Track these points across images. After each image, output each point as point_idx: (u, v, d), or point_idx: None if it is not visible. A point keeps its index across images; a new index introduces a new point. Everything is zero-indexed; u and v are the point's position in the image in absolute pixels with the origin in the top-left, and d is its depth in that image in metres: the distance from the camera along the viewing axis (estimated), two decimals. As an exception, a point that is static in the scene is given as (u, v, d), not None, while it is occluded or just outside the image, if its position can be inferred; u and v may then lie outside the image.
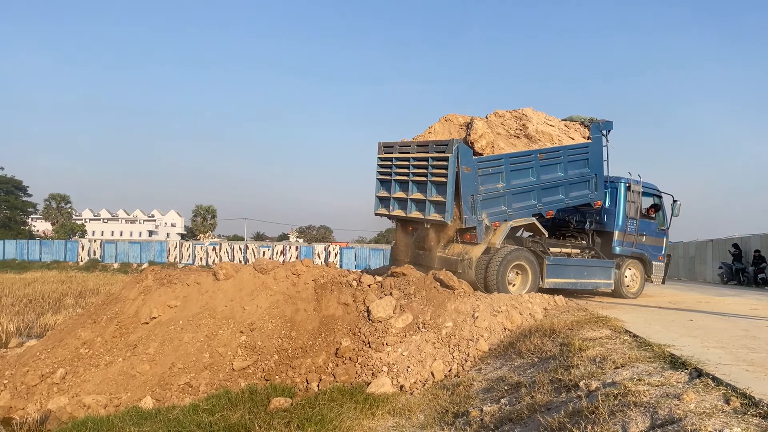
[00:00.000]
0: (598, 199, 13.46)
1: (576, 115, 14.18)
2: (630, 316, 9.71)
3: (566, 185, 12.85)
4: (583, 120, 13.82)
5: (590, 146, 13.16)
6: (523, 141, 12.67)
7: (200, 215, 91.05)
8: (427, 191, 11.85)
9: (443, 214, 11.47)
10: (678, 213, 14.75)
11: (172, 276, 11.59)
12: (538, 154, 12.26)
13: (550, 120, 13.66)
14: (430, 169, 11.76)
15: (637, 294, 14.26)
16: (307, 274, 11.01)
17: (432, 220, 11.82)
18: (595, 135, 13.31)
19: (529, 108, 13.63)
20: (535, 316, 10.19)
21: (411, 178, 12.34)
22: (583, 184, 13.18)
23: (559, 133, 13.18)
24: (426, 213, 11.91)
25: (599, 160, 13.36)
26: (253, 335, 9.74)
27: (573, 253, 13.61)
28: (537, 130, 12.85)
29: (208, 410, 7.68)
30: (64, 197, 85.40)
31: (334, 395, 7.93)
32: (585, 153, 13.10)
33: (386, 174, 13.11)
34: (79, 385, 9.26)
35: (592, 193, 13.28)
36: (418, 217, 12.16)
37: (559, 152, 12.60)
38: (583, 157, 13.10)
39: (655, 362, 5.91)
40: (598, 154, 13.33)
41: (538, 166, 12.30)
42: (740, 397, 4.37)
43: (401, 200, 12.70)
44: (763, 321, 9.81)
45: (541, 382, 6.16)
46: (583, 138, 13.31)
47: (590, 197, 13.31)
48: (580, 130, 13.56)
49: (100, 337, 10.35)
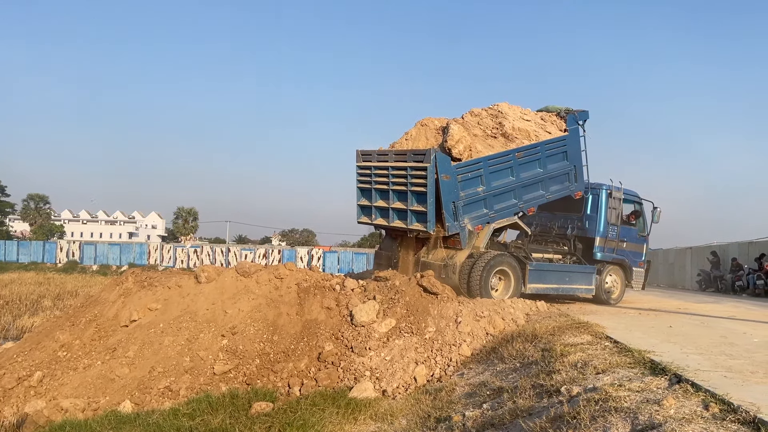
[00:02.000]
0: (579, 190, 13.54)
1: (552, 105, 14.19)
2: (611, 322, 9.79)
3: (546, 180, 12.88)
4: (558, 111, 13.84)
5: (567, 139, 13.20)
6: (501, 141, 12.63)
7: (182, 217, 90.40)
8: (407, 201, 11.80)
9: (425, 224, 11.43)
10: (658, 220, 14.92)
11: (153, 279, 11.48)
12: (516, 153, 12.24)
13: (526, 114, 13.63)
14: (409, 178, 11.71)
15: (618, 300, 14.38)
16: (290, 277, 10.96)
17: (414, 230, 11.80)
18: (571, 127, 13.34)
19: (504, 103, 13.58)
20: (518, 322, 10.25)
21: (391, 188, 12.30)
22: (562, 177, 13.23)
23: (535, 128, 13.16)
24: (408, 223, 11.87)
25: (577, 152, 13.40)
26: (235, 339, 9.67)
27: (555, 258, 13.71)
28: (513, 128, 12.79)
29: (188, 415, 7.61)
30: (42, 197, 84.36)
31: (317, 400, 7.91)
32: (563, 146, 13.12)
33: (366, 183, 13.04)
34: (56, 388, 9.13)
35: (572, 185, 13.36)
36: (401, 227, 12.13)
37: (537, 149, 12.59)
38: (561, 151, 13.12)
39: (635, 368, 5.97)
40: (575, 146, 13.36)
41: (517, 165, 12.29)
42: (719, 403, 4.42)
43: (383, 209, 12.65)
44: (740, 327, 9.95)
45: (523, 387, 6.19)
46: (560, 130, 13.34)
47: (570, 189, 13.38)
48: (557, 122, 13.57)
49: (79, 339, 10.21)
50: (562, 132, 13.29)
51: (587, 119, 13.67)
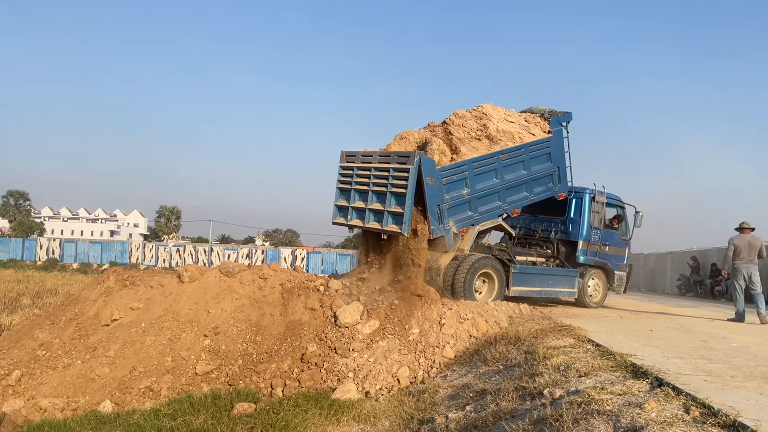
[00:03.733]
0: (562, 191, 13.62)
1: (535, 106, 14.22)
2: (593, 325, 9.86)
3: (530, 182, 12.94)
4: (542, 112, 13.88)
5: (551, 140, 13.27)
6: (485, 143, 12.59)
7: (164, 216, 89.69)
8: (386, 202, 11.60)
9: (400, 226, 11.18)
10: (640, 224, 15.03)
11: (135, 277, 11.36)
12: (500, 156, 12.26)
13: (510, 116, 13.63)
14: (391, 180, 11.52)
15: (600, 303, 14.50)
16: (274, 278, 10.91)
17: (389, 231, 11.48)
18: (555, 128, 13.40)
19: (488, 104, 13.55)
20: (501, 324, 10.30)
21: (371, 188, 12.06)
22: (546, 179, 13.30)
23: (520, 129, 13.18)
24: (384, 224, 11.57)
25: (561, 153, 13.49)
26: (218, 339, 9.61)
27: (538, 261, 13.79)
28: (498, 129, 12.78)
29: (169, 415, 7.56)
30: (22, 194, 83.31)
31: (299, 401, 7.88)
32: (547, 148, 13.19)
33: (347, 183, 12.85)
34: (35, 387, 9.00)
35: (555, 186, 13.45)
36: (375, 228, 11.84)
37: (521, 150, 12.62)
38: (545, 152, 13.19)
39: (617, 371, 6.01)
40: (559, 147, 13.45)
41: (502, 167, 12.31)
42: (700, 407, 4.47)
43: (360, 210, 12.39)
44: (720, 332, 10.07)
45: (506, 389, 6.22)
46: (544, 132, 13.39)
47: (554, 190, 13.47)
48: (540, 123, 13.61)
49: (59, 338, 10.08)
50: (546, 134, 13.36)
51: (570, 120, 13.77)
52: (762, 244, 11.91)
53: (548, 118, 13.62)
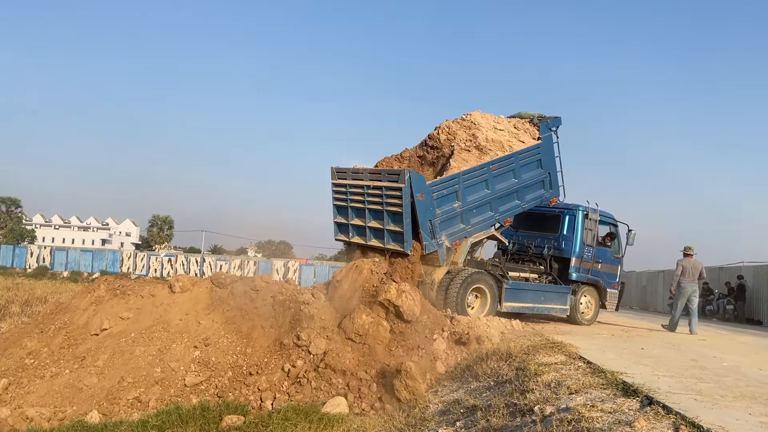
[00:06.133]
0: (554, 197, 13.62)
1: (524, 111, 14.14)
2: (584, 343, 9.87)
3: (521, 190, 12.91)
4: (531, 117, 13.81)
5: (541, 147, 13.21)
6: (474, 153, 12.47)
7: (157, 225, 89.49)
8: (383, 220, 11.64)
9: (402, 244, 11.25)
10: (633, 242, 15.08)
11: (126, 287, 11.28)
12: (490, 166, 12.20)
13: (499, 123, 13.55)
14: (385, 198, 11.53)
15: (592, 320, 14.52)
16: (266, 290, 10.85)
17: (392, 250, 11.57)
18: (544, 134, 13.35)
19: (477, 112, 13.46)
20: (492, 340, 10.27)
21: (367, 206, 12.08)
22: (537, 185, 13.28)
23: (509, 137, 13.09)
24: (385, 242, 11.66)
25: (551, 159, 13.44)
26: (208, 350, 9.55)
27: (531, 277, 13.80)
28: (487, 139, 12.67)
29: (157, 426, 7.47)
30: (14, 201, 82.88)
31: (289, 414, 7.80)
32: (537, 154, 13.14)
33: (342, 200, 12.86)
34: (22, 396, 8.89)
35: (547, 192, 13.43)
36: (379, 246, 11.89)
37: (511, 159, 12.57)
38: (536, 159, 13.14)
39: (608, 389, 6.02)
40: (549, 153, 13.40)
41: (492, 178, 12.26)
42: (689, 426, 4.48)
43: (359, 227, 12.44)
44: (710, 351, 10.10)
45: (496, 405, 6.20)
46: (533, 138, 13.33)
47: (545, 196, 13.46)
48: (530, 130, 13.54)
49: (47, 347, 9.98)
50: (536, 140, 13.28)
51: (560, 125, 13.72)
52: (702, 267, 13.67)
53: (537, 123, 13.57)
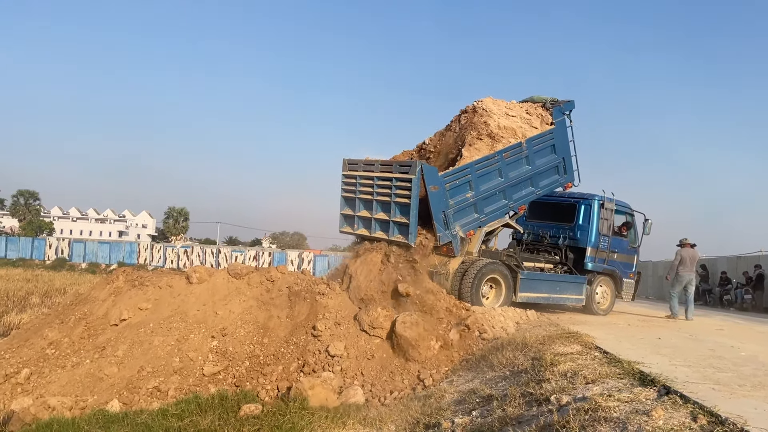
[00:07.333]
0: (569, 182, 13.44)
1: (537, 96, 13.85)
2: (600, 333, 9.84)
3: (535, 176, 12.73)
4: (544, 101, 13.54)
5: (554, 132, 12.99)
6: (487, 141, 12.24)
7: (172, 217, 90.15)
8: (391, 211, 11.55)
9: (407, 236, 11.14)
10: (649, 231, 14.93)
11: (143, 278, 11.41)
12: (503, 154, 12.03)
13: (511, 108, 13.26)
14: (394, 189, 11.46)
15: (608, 311, 14.44)
16: (282, 280, 10.94)
17: (396, 242, 11.46)
18: (557, 119, 13.12)
19: (488, 98, 13.20)
20: (507, 330, 10.28)
21: (375, 198, 12.00)
22: (551, 171, 13.09)
23: (521, 123, 12.84)
24: (390, 234, 11.55)
25: (565, 144, 13.24)
26: (225, 341, 9.65)
27: (546, 268, 13.75)
28: (499, 126, 12.42)
29: (177, 415, 7.58)
30: (32, 194, 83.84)
31: (306, 403, 7.89)
32: (550, 140, 12.94)
33: (350, 192, 12.81)
34: (44, 386, 9.06)
35: (561, 178, 13.26)
36: (382, 238, 11.79)
37: (523, 146, 12.38)
38: (549, 144, 12.94)
39: (624, 378, 6.01)
40: (563, 138, 13.18)
41: (505, 165, 12.08)
42: (707, 415, 4.46)
43: (365, 219, 12.35)
44: (728, 341, 10.02)
45: (512, 395, 6.22)
46: (546, 123, 13.07)
47: (560, 182, 13.29)
48: (543, 115, 13.25)
49: (68, 337, 10.13)
50: (548, 125, 13.04)
51: (573, 109, 13.48)
52: (699, 257, 14.18)
53: (550, 108, 13.31)
